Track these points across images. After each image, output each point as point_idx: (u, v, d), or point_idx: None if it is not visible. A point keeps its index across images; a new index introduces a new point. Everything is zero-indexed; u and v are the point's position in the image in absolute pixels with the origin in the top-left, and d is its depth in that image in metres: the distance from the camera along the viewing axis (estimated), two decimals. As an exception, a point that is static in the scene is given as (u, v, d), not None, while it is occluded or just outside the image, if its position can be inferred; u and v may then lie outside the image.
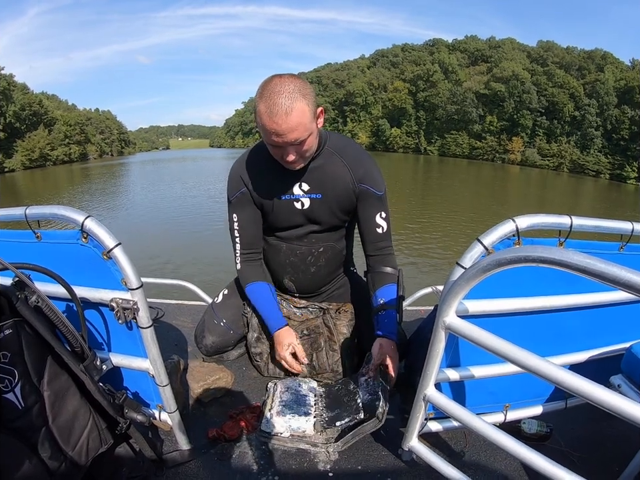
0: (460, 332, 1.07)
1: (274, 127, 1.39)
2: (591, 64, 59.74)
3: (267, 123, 1.39)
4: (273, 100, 1.36)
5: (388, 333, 1.67)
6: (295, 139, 1.43)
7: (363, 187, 1.70)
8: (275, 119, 1.37)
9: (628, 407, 0.77)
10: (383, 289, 1.75)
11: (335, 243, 1.87)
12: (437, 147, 72.54)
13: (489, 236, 1.07)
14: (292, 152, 1.49)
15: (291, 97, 1.36)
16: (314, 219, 1.77)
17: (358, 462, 1.48)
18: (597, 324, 1.36)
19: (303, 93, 1.39)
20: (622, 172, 49.29)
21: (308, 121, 1.42)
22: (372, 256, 1.82)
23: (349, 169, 1.69)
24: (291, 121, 1.37)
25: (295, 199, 1.73)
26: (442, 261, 10.14)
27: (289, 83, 1.38)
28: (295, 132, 1.41)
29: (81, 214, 1.11)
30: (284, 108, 1.35)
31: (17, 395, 1.01)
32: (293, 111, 1.36)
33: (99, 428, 1.23)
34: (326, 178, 1.69)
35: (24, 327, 1.04)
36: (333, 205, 1.73)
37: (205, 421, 1.65)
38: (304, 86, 1.41)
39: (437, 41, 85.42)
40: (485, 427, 1.14)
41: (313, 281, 1.95)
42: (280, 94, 1.36)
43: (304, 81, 1.45)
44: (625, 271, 0.69)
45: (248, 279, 1.86)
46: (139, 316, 1.18)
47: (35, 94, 62.78)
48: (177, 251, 10.42)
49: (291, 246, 1.85)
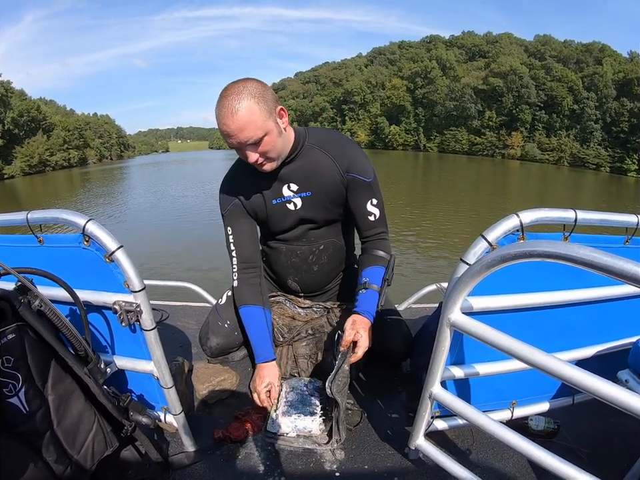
0: (465, 329, 1.06)
1: (224, 129, 1.41)
2: (589, 57, 59.58)
3: (219, 125, 1.42)
4: (222, 103, 1.38)
5: (363, 311, 1.61)
6: (247, 139, 1.42)
7: (350, 176, 1.67)
8: (224, 120, 1.39)
9: (636, 402, 0.76)
10: (370, 268, 1.72)
11: (335, 238, 1.85)
12: (437, 144, 72.52)
13: (493, 231, 1.07)
14: (251, 152, 1.48)
15: (237, 97, 1.37)
16: (308, 217, 1.75)
17: (364, 461, 1.47)
18: (603, 318, 1.35)
19: (253, 93, 1.40)
20: (622, 165, 49.20)
21: (259, 119, 1.41)
22: (366, 241, 1.80)
23: (333, 161, 1.66)
24: (238, 120, 1.38)
25: (286, 200, 1.72)
26: (445, 256, 10.11)
27: (239, 85, 1.40)
28: (244, 131, 1.40)
29: (82, 217, 1.11)
30: (230, 108, 1.37)
31: (21, 400, 1.01)
32: (239, 110, 1.37)
33: (104, 431, 1.23)
34: (312, 174, 1.67)
35: (27, 331, 1.04)
36: (324, 199, 1.71)
37: (211, 422, 1.65)
38: (255, 86, 1.42)
39: (434, 37, 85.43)
40: (492, 425, 1.13)
41: (316, 280, 1.93)
42: (227, 97, 1.38)
43: (259, 82, 1.46)
44: (632, 264, 0.68)
45: (244, 300, 1.79)
46: (142, 318, 1.18)
47: (32, 100, 62.81)
48: (180, 252, 10.38)
49: (291, 247, 1.84)
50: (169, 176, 38.71)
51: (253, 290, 1.80)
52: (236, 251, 1.79)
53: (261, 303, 1.78)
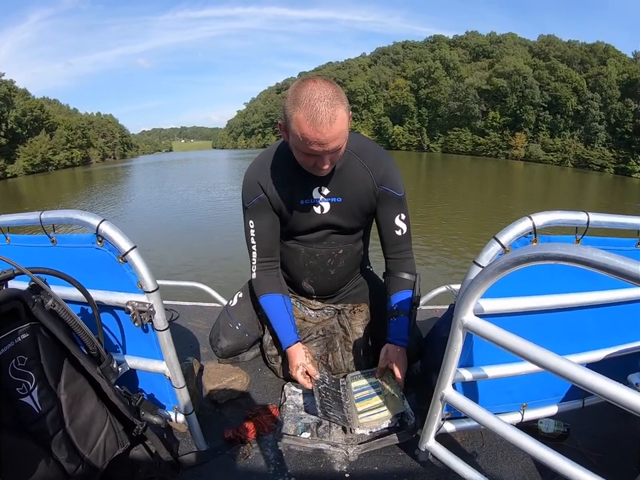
0: (478, 331, 1.06)
1: (317, 137, 1.31)
2: (593, 57, 59.24)
3: (308, 132, 1.31)
4: (315, 107, 1.27)
5: (396, 339, 1.67)
6: (336, 147, 1.37)
7: (383, 188, 1.65)
8: (319, 127, 1.29)
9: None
10: (398, 294, 1.72)
11: (354, 243, 1.83)
12: (440, 144, 72.20)
13: (506, 234, 1.07)
14: (327, 160, 1.42)
15: (332, 103, 1.29)
16: (334, 222, 1.72)
17: (374, 463, 1.47)
18: (614, 321, 1.34)
19: (341, 97, 1.33)
20: (627, 166, 48.86)
21: (347, 127, 1.37)
22: (391, 259, 1.79)
23: (368, 171, 1.63)
24: (334, 129, 1.30)
25: (314, 203, 1.67)
26: (450, 257, 10.06)
27: (327, 88, 1.31)
28: (337, 140, 1.34)
29: (96, 218, 1.12)
30: (328, 116, 1.28)
31: (34, 399, 1.02)
32: (337, 118, 1.30)
33: (115, 430, 1.23)
34: (346, 181, 1.64)
35: (40, 331, 1.05)
36: (353, 207, 1.68)
37: (221, 422, 1.65)
38: (339, 90, 1.35)
39: (438, 37, 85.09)
40: (503, 427, 1.13)
41: (332, 283, 1.91)
42: (321, 101, 1.28)
43: (337, 84, 1.38)
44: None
45: (263, 289, 1.79)
46: (155, 318, 1.19)
47: (36, 99, 63.04)
48: (190, 252, 10.37)
49: (310, 249, 1.80)
50: (173, 175, 38.75)
51: (273, 280, 1.81)
52: (257, 245, 1.76)
53: (280, 291, 1.79)
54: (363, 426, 1.54)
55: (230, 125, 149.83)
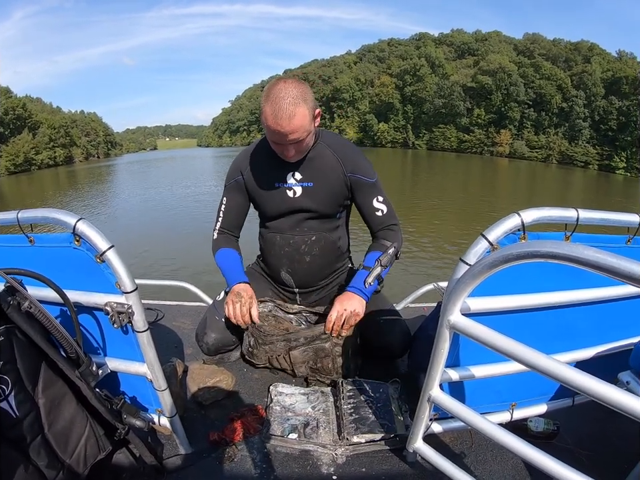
0: (465, 331, 1.05)
1: (277, 129, 1.53)
2: (578, 55, 59.92)
3: (271, 124, 1.53)
4: (278, 104, 1.49)
5: (350, 287, 1.79)
6: (295, 139, 1.58)
7: (354, 177, 1.82)
8: (280, 121, 1.51)
9: (637, 405, 0.75)
10: (370, 254, 1.86)
11: (327, 232, 1.92)
12: (425, 141, 72.51)
13: (494, 231, 1.05)
14: (291, 149, 1.63)
15: (294, 102, 1.50)
16: (305, 206, 1.85)
17: (362, 464, 1.46)
18: (604, 319, 1.34)
19: (305, 97, 1.54)
20: (610, 162, 49.51)
21: (308, 123, 1.58)
22: (376, 232, 1.93)
23: (339, 162, 1.81)
24: (293, 124, 1.52)
25: (287, 187, 1.84)
26: (435, 253, 10.10)
27: (293, 88, 1.52)
28: (295, 133, 1.56)
29: (72, 216, 1.08)
30: (287, 112, 1.50)
31: (11, 404, 0.99)
32: (296, 115, 1.51)
33: (96, 435, 1.20)
34: (317, 168, 1.81)
35: (16, 334, 1.02)
36: (324, 192, 1.83)
37: (206, 424, 1.63)
38: (306, 91, 1.56)
39: (423, 35, 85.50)
40: (491, 428, 1.12)
41: (309, 272, 1.97)
42: (284, 99, 1.49)
43: (306, 85, 1.59)
44: (638, 265, 0.67)
45: (220, 246, 1.98)
46: (135, 320, 1.16)
47: (18, 97, 62.15)
48: (175, 251, 10.20)
49: (285, 236, 1.92)
50: (157, 174, 38.42)
51: (231, 242, 2.02)
52: (223, 217, 1.99)
53: (235, 248, 2.00)
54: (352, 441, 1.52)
55: (215, 122, 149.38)
